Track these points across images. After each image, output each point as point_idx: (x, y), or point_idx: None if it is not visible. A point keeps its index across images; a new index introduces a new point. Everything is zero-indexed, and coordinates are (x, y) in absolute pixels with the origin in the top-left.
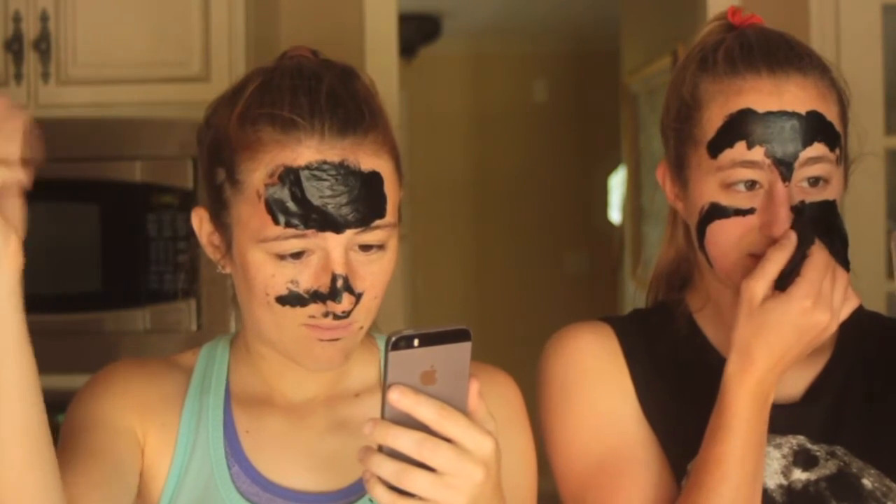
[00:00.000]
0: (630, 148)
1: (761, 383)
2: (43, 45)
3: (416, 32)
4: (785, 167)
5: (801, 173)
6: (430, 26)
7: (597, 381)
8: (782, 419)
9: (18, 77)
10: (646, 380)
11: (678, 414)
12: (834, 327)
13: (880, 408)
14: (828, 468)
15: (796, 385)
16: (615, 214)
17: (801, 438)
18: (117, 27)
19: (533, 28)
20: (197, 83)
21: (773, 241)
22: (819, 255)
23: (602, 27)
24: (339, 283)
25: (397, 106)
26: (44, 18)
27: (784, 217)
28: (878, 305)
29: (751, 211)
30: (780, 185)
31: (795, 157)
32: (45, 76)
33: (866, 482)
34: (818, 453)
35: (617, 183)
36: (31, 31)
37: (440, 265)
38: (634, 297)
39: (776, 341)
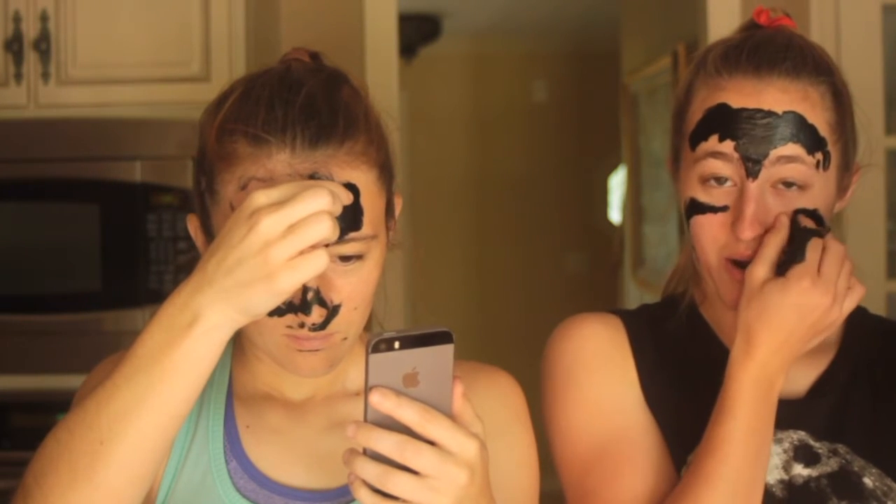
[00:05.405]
0: (630, 148)
1: (764, 367)
2: (43, 45)
3: (416, 32)
4: (752, 163)
5: (773, 172)
6: (430, 26)
7: (602, 368)
8: (783, 414)
9: (18, 77)
10: (651, 371)
11: (681, 406)
12: (838, 314)
13: (884, 409)
14: (830, 465)
15: (800, 381)
16: (615, 214)
17: (802, 434)
18: (117, 27)
19: (533, 28)
20: (197, 83)
21: (740, 241)
22: (818, 240)
23: (602, 27)
24: (310, 295)
25: (397, 106)
26: (44, 18)
27: (749, 215)
28: (878, 305)
29: (724, 208)
30: (748, 183)
31: (766, 154)
32: (45, 76)
33: (867, 481)
34: (820, 450)
35: (617, 183)
36: (31, 31)
37: (440, 265)
38: (631, 296)
39: (777, 323)
